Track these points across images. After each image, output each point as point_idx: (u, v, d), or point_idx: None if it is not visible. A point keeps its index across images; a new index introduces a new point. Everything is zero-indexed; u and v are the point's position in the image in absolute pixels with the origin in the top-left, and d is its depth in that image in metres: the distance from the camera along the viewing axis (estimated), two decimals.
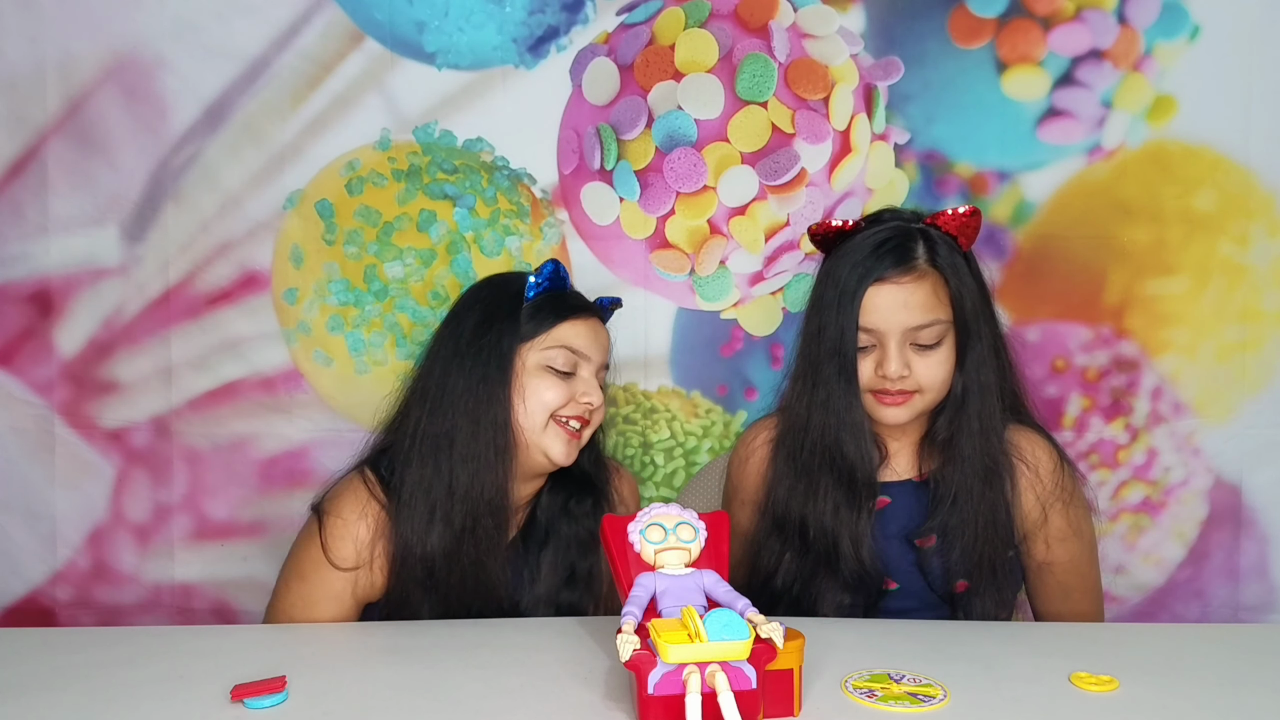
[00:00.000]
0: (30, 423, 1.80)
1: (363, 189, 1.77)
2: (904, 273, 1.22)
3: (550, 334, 1.30)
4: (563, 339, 1.30)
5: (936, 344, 1.24)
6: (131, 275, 1.78)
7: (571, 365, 1.31)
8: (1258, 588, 1.80)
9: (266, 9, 1.74)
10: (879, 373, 1.23)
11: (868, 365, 1.25)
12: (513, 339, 1.29)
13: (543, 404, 1.29)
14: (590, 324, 1.33)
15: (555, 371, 1.30)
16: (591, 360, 1.32)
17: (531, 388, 1.29)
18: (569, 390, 1.30)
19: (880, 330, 1.23)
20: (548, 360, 1.30)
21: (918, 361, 1.23)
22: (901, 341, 1.23)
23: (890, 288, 1.22)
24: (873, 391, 1.25)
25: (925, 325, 1.22)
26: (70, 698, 1.01)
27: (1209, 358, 1.78)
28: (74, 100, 1.75)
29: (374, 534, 1.28)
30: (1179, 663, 1.08)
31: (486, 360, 1.28)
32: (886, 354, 1.23)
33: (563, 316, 1.31)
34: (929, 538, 1.28)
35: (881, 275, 1.22)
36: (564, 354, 1.30)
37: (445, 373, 1.30)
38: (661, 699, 0.87)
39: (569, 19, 1.75)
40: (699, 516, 0.99)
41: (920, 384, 1.24)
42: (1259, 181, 1.75)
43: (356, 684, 1.04)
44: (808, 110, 1.73)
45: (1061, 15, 1.72)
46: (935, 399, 1.26)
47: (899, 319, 1.22)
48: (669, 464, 1.80)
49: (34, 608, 1.81)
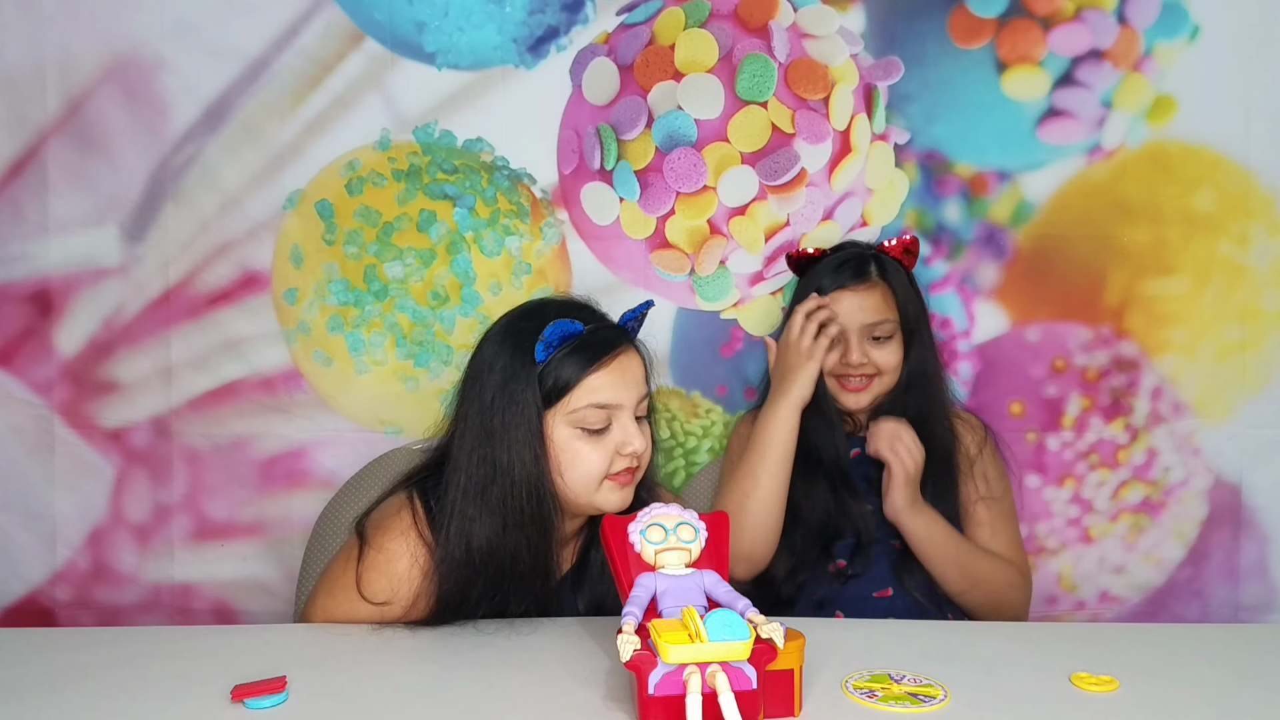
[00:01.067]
0: (30, 423, 1.79)
1: (363, 189, 1.77)
2: (861, 283, 1.54)
3: (574, 394, 1.19)
4: (589, 397, 1.19)
5: (889, 338, 1.54)
6: (131, 275, 1.78)
7: (606, 421, 1.20)
8: (1258, 588, 1.80)
9: (266, 9, 1.74)
10: (843, 360, 1.53)
11: (832, 355, 1.53)
12: (535, 409, 1.19)
13: (585, 474, 1.20)
14: (617, 365, 1.21)
15: (590, 433, 1.20)
16: (625, 405, 1.21)
17: (568, 459, 1.20)
18: (609, 446, 1.20)
19: (843, 326, 1.53)
20: (578, 423, 1.20)
21: (874, 351, 1.54)
22: (861, 336, 1.53)
23: (850, 294, 1.54)
24: (837, 377, 1.55)
25: (879, 322, 1.53)
26: (70, 698, 1.01)
27: (1209, 358, 1.78)
28: (74, 100, 1.75)
29: (412, 568, 1.22)
30: (1179, 663, 1.08)
31: (514, 436, 1.18)
32: (849, 345, 1.53)
33: (584, 371, 1.19)
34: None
35: (843, 284, 1.55)
36: (594, 413, 1.20)
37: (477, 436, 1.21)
38: (662, 699, 0.87)
39: (569, 19, 1.75)
40: (699, 516, 0.99)
41: (879, 366, 1.54)
42: (1259, 181, 1.75)
43: (356, 684, 1.04)
44: (808, 110, 1.73)
45: (1061, 15, 1.72)
46: (890, 382, 1.55)
47: (858, 317, 1.53)
48: (669, 464, 1.80)
49: (34, 608, 1.81)
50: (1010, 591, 1.49)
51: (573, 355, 1.19)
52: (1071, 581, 1.82)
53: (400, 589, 1.22)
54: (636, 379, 1.23)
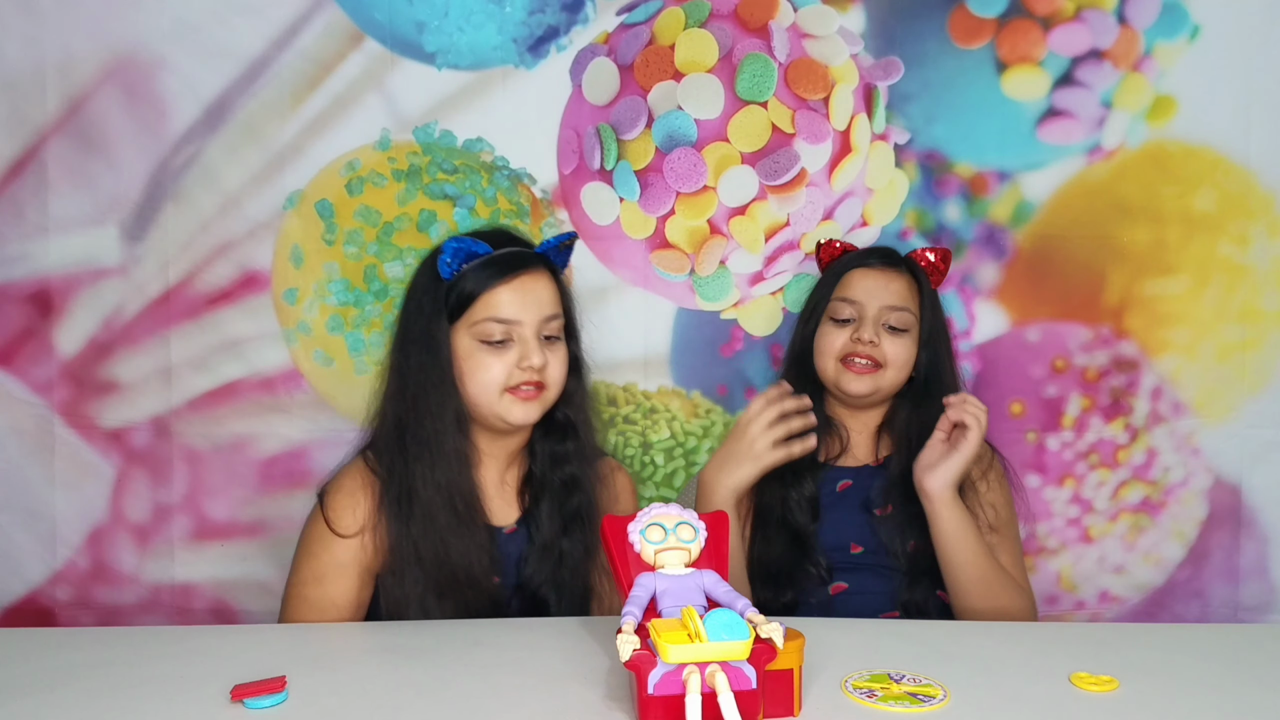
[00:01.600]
0: (30, 423, 1.79)
1: (363, 189, 1.77)
2: (887, 265, 1.50)
3: (474, 309, 1.29)
4: (488, 311, 1.28)
5: (904, 331, 1.47)
6: (131, 275, 1.78)
7: (505, 334, 1.29)
8: (1258, 588, 1.80)
9: (266, 9, 1.74)
10: (854, 337, 1.46)
11: (844, 334, 1.48)
12: (443, 323, 1.29)
13: (484, 384, 1.29)
14: (518, 284, 1.29)
15: (490, 345, 1.29)
16: (525, 322, 1.29)
17: (469, 369, 1.29)
18: (509, 360, 1.28)
19: (861, 302, 1.48)
20: (478, 336, 1.29)
21: (887, 340, 1.46)
22: (877, 316, 1.47)
23: (875, 272, 1.49)
24: (843, 360, 1.47)
25: (899, 308, 1.47)
26: (70, 698, 1.01)
27: (1209, 358, 1.78)
28: (74, 100, 1.75)
29: (374, 503, 1.31)
30: (1179, 663, 1.08)
31: (424, 349, 1.30)
32: (863, 323, 1.46)
33: (484, 287, 1.28)
34: (886, 507, 1.47)
35: (868, 263, 1.50)
36: (493, 326, 1.28)
37: (396, 364, 1.33)
38: (661, 699, 0.87)
39: (569, 19, 1.76)
40: (699, 516, 0.99)
41: (886, 359, 1.46)
42: (1259, 181, 1.75)
43: (356, 684, 1.04)
44: (808, 110, 1.73)
45: (1061, 15, 1.72)
46: (895, 380, 1.48)
47: (879, 297, 1.47)
48: (669, 464, 1.81)
49: (34, 608, 1.81)
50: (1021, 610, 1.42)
51: (477, 271, 1.29)
52: (1071, 581, 1.82)
53: (364, 519, 1.30)
54: (540, 300, 1.30)
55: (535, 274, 1.31)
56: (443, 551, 1.28)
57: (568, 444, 1.36)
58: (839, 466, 1.52)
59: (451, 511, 1.29)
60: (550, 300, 1.31)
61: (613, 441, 1.80)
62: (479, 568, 1.29)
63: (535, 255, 1.33)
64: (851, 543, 1.47)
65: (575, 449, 1.37)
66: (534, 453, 1.38)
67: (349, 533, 1.30)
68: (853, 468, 1.52)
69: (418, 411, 1.29)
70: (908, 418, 1.49)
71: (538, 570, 1.34)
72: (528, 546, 1.35)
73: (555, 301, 1.32)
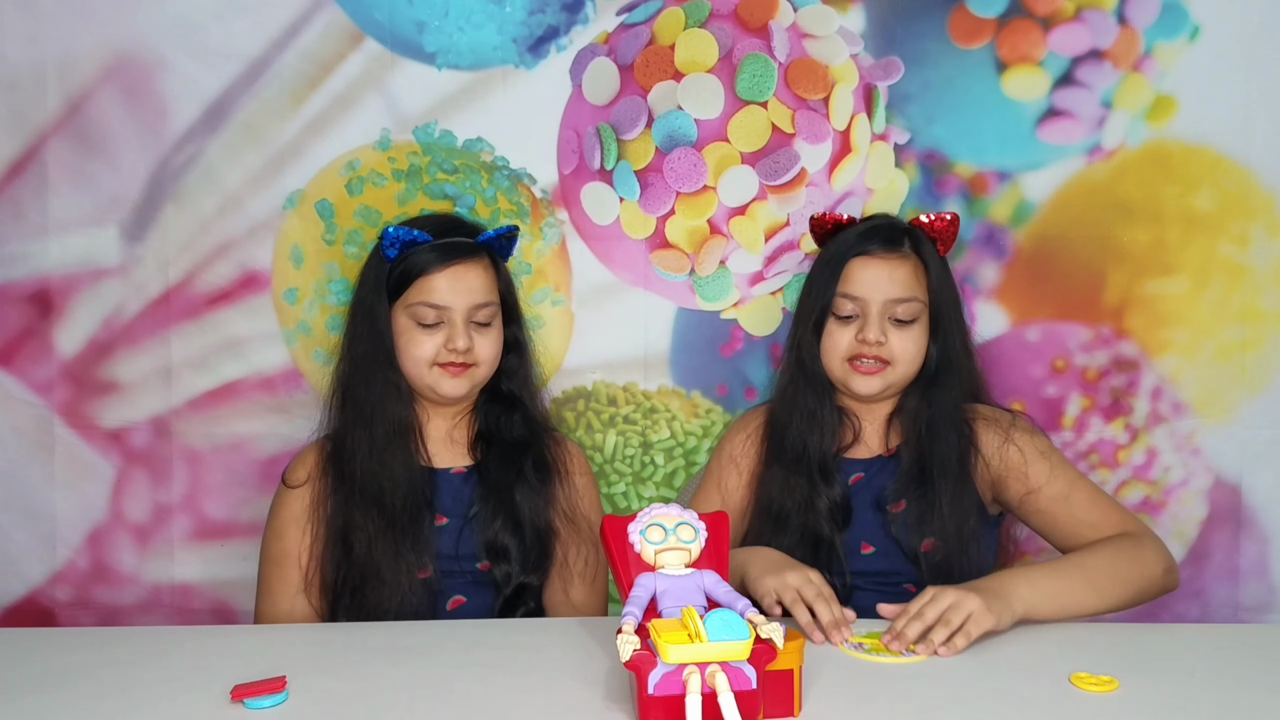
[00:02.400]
0: (30, 423, 1.79)
1: (363, 189, 1.77)
2: (890, 251, 1.40)
3: (410, 291, 1.40)
4: (421, 295, 1.40)
5: (912, 321, 1.39)
6: (131, 275, 1.78)
7: (437, 317, 1.40)
8: (1258, 588, 1.80)
9: (266, 9, 1.74)
10: (859, 337, 1.38)
11: (848, 333, 1.40)
12: (384, 301, 1.42)
13: (415, 359, 1.41)
14: (451, 272, 1.40)
15: (423, 326, 1.40)
16: (455, 308, 1.40)
17: (403, 344, 1.42)
18: (439, 340, 1.40)
19: (864, 298, 1.39)
20: (413, 316, 1.40)
21: (894, 334, 1.38)
22: (882, 312, 1.38)
23: (877, 261, 1.39)
24: (850, 360, 1.40)
25: (905, 300, 1.38)
26: (70, 698, 1.01)
27: (1209, 358, 1.78)
28: (74, 100, 1.75)
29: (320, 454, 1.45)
30: (1179, 663, 1.08)
31: (367, 323, 1.43)
32: (868, 320, 1.38)
33: (420, 272, 1.40)
34: (899, 503, 1.40)
35: (869, 250, 1.40)
36: (425, 309, 1.40)
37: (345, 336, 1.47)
38: (662, 699, 0.88)
39: (569, 19, 1.75)
40: (699, 517, 0.99)
41: (894, 355, 1.38)
42: (1259, 181, 1.75)
43: (356, 684, 1.04)
44: (808, 110, 1.73)
45: (1061, 15, 1.72)
46: (905, 374, 1.41)
47: (882, 290, 1.38)
48: (669, 464, 1.80)
49: (34, 608, 1.81)
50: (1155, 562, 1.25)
51: (416, 257, 1.40)
52: None
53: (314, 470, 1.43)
54: (471, 288, 1.41)
55: (471, 263, 1.42)
56: (377, 487, 1.38)
57: (514, 415, 1.48)
58: (851, 459, 1.46)
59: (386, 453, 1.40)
60: (482, 288, 1.42)
61: (613, 441, 1.80)
62: (413, 500, 1.40)
63: (474, 245, 1.44)
64: (863, 542, 1.42)
65: (522, 418, 1.48)
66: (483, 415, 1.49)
67: (298, 482, 1.43)
68: (865, 459, 1.46)
69: (358, 378, 1.43)
70: (917, 407, 1.43)
71: (483, 510, 1.42)
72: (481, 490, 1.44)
73: (489, 289, 1.43)
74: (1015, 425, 1.40)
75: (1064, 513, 1.35)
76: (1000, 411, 1.45)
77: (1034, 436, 1.41)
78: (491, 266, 1.45)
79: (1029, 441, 1.39)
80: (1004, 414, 1.43)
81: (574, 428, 1.80)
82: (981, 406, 1.46)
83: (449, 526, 1.42)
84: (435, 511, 1.42)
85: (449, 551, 1.41)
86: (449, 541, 1.41)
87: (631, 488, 1.81)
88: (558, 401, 1.80)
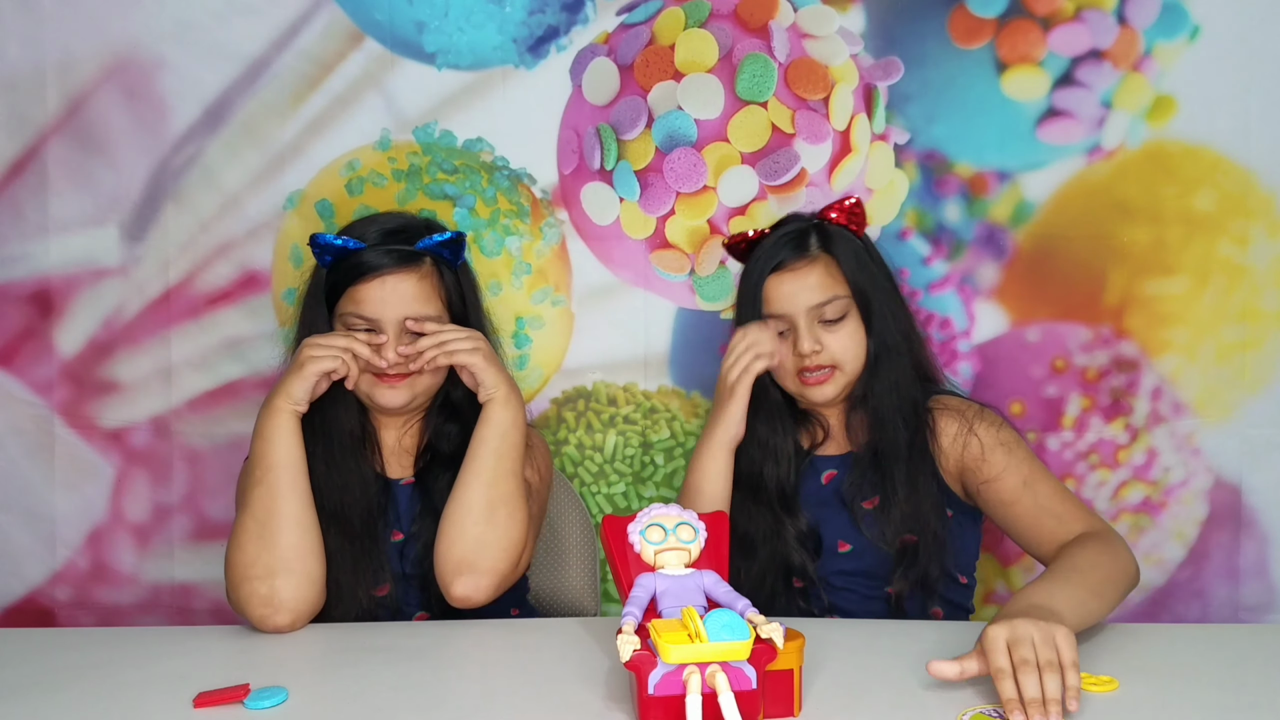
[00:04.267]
0: (30, 423, 1.79)
1: (363, 189, 1.77)
2: (799, 259, 1.38)
3: (342, 301, 1.35)
4: (350, 306, 1.34)
5: (841, 318, 1.38)
6: (131, 275, 1.78)
7: (367, 328, 1.33)
8: (1258, 588, 1.80)
9: (266, 9, 1.74)
10: (796, 352, 1.37)
11: (786, 349, 1.38)
12: (323, 307, 1.36)
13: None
14: (380, 283, 1.33)
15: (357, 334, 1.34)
16: (384, 319, 1.33)
17: None
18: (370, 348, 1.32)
19: (788, 314, 1.38)
20: (346, 326, 1.35)
21: (828, 337, 1.37)
22: (809, 320, 1.37)
23: (789, 274, 1.38)
24: (798, 373, 1.38)
25: (825, 302, 1.37)
26: (70, 698, 1.01)
27: (1209, 358, 1.78)
28: (74, 100, 1.75)
29: None
30: (1179, 663, 1.08)
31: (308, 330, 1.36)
32: (798, 333, 1.37)
33: (349, 282, 1.34)
34: (872, 499, 1.38)
35: (779, 264, 1.39)
36: (354, 320, 1.34)
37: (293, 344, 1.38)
38: (662, 699, 0.87)
39: (569, 19, 1.75)
40: (699, 517, 0.99)
41: (835, 357, 1.37)
42: (1259, 181, 1.75)
43: (356, 684, 1.04)
44: (808, 110, 1.73)
45: (1061, 15, 1.72)
46: (855, 370, 1.39)
47: (801, 300, 1.37)
48: (669, 464, 1.81)
49: (34, 608, 1.81)
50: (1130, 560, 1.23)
51: (348, 265, 1.34)
52: None
53: None
54: (402, 298, 1.33)
55: (405, 272, 1.34)
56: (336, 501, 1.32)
57: (454, 426, 1.40)
58: (823, 455, 1.44)
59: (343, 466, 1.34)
60: (418, 297, 1.35)
61: (613, 441, 1.80)
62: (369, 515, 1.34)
63: (410, 252, 1.35)
64: (839, 540, 1.40)
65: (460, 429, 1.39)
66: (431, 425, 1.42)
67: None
68: (835, 456, 1.44)
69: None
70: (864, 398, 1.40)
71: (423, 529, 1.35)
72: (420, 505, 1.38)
73: (427, 298, 1.35)
74: (981, 416, 1.37)
75: (1027, 502, 1.32)
76: (969, 404, 1.41)
77: (1000, 429, 1.37)
78: (435, 274, 1.37)
79: (991, 433, 1.36)
80: (972, 406, 1.40)
81: (574, 428, 1.80)
82: (950, 398, 1.43)
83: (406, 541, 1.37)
84: (391, 526, 1.37)
85: (410, 570, 1.35)
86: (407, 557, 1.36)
87: (631, 488, 1.81)
88: (557, 401, 1.80)
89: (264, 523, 1.25)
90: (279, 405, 1.28)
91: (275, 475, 1.26)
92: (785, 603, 1.40)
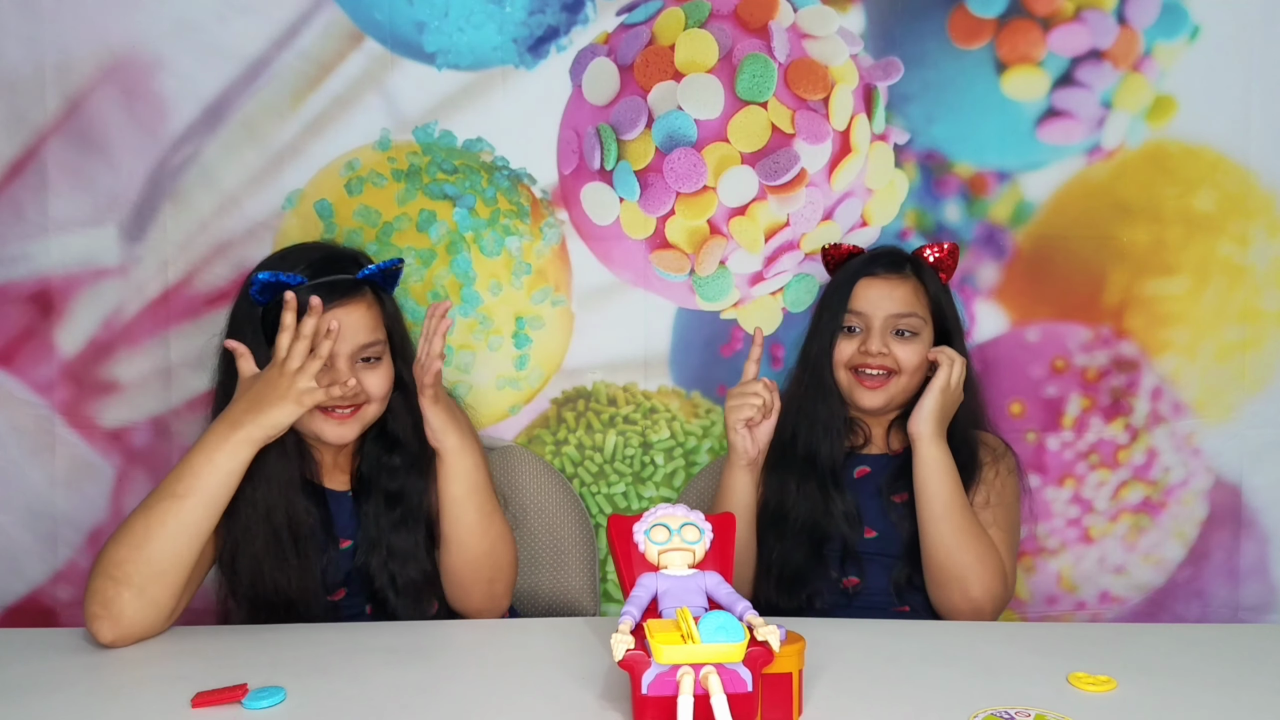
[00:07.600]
0: (30, 423, 1.79)
1: (362, 189, 1.77)
2: (892, 272, 1.50)
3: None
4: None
5: (915, 335, 1.48)
6: (131, 275, 1.78)
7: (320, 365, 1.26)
8: (1258, 588, 1.80)
9: (266, 9, 1.74)
10: (862, 349, 1.47)
11: (853, 344, 1.48)
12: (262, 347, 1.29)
13: None
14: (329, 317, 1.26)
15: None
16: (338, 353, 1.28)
17: None
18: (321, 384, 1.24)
19: (867, 314, 1.48)
20: None
21: (897, 346, 1.47)
22: (885, 326, 1.47)
23: (879, 281, 1.49)
24: (854, 370, 1.48)
25: (906, 314, 1.47)
26: (70, 698, 1.01)
27: (1209, 358, 1.78)
28: (73, 100, 1.75)
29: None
30: (1178, 663, 1.08)
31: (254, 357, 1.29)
32: (871, 333, 1.47)
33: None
34: (902, 494, 1.47)
35: (873, 272, 1.50)
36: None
37: (222, 384, 1.35)
38: (655, 699, 0.87)
39: (569, 19, 1.75)
40: (705, 518, 0.99)
41: (899, 363, 1.47)
42: (1259, 181, 1.75)
43: (356, 684, 1.04)
44: (808, 110, 1.73)
45: (1061, 15, 1.72)
46: (908, 385, 1.48)
47: (884, 306, 1.47)
48: (669, 464, 1.81)
49: (34, 608, 1.81)
50: (990, 580, 1.37)
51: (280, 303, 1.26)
52: (1071, 581, 1.82)
53: None
54: (352, 330, 1.30)
55: (351, 304, 1.30)
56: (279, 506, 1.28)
57: (395, 456, 1.37)
58: (859, 454, 1.54)
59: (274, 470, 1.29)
60: (364, 328, 1.31)
61: (613, 441, 1.80)
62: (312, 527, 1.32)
63: (353, 282, 1.32)
64: (866, 526, 1.49)
65: (403, 461, 1.37)
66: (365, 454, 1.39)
67: None
68: (872, 455, 1.54)
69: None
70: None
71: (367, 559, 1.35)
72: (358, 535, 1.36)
73: (371, 329, 1.32)
74: (1006, 457, 1.50)
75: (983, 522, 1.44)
76: (1000, 441, 1.53)
77: (1010, 474, 1.50)
78: (376, 302, 1.34)
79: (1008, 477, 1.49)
80: (1000, 444, 1.52)
81: (574, 428, 1.80)
82: (988, 435, 1.53)
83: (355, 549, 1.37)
84: (339, 535, 1.36)
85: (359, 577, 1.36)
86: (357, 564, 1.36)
87: (631, 488, 1.81)
88: (557, 402, 1.80)
89: (153, 535, 1.17)
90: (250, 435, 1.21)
91: (196, 502, 1.18)
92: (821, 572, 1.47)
